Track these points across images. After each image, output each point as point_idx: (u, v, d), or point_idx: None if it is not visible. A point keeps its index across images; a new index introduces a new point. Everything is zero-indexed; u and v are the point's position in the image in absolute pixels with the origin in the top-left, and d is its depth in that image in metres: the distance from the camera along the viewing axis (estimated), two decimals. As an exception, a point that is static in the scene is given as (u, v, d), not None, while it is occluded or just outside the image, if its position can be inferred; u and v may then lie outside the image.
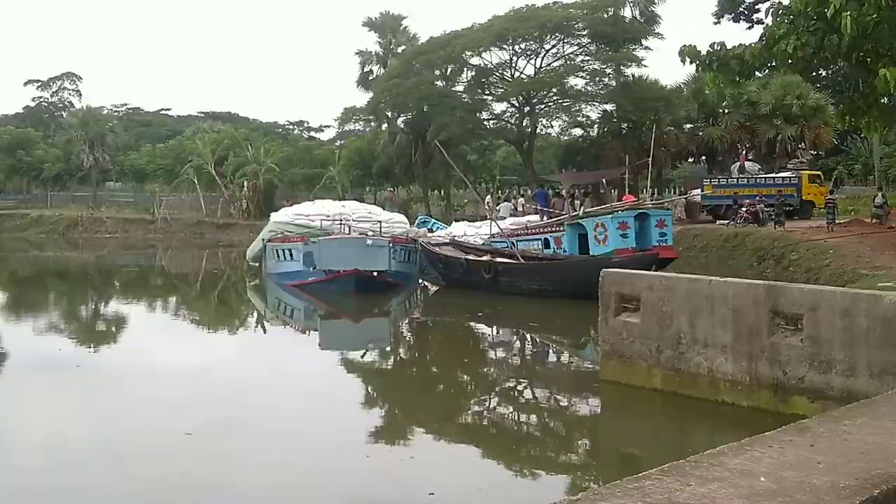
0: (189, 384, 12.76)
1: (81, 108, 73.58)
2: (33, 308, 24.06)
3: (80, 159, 61.48)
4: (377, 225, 25.37)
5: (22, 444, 9.65)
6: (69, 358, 15.06)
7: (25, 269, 37.15)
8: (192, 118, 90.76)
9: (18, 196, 67.59)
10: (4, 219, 55.04)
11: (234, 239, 46.16)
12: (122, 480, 8.29)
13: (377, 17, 55.32)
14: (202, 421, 10.38)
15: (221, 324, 21.40)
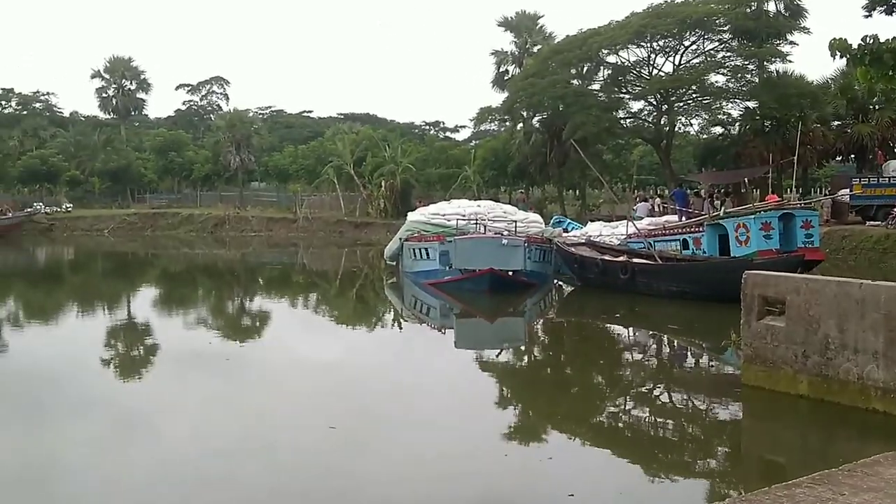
0: (330, 379, 13.14)
1: (229, 111, 76.63)
2: (184, 303, 25.23)
3: (227, 160, 63.96)
4: (512, 224, 25.37)
5: (175, 433, 10.14)
6: (219, 352, 15.75)
7: (176, 265, 38.95)
8: (333, 120, 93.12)
9: (170, 196, 70.84)
10: (157, 217, 57.83)
11: (372, 237, 47.13)
12: (269, 471, 8.58)
13: (513, 17, 55.36)
14: (344, 415, 10.66)
15: (360, 321, 21.85)
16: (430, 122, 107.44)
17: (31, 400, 11.82)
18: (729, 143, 43.81)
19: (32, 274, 35.67)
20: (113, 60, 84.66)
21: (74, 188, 69.10)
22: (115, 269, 37.50)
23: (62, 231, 55.86)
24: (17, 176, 69.38)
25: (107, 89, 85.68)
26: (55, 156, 69.78)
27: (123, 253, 45.13)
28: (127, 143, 79.91)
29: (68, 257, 44.36)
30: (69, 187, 68.85)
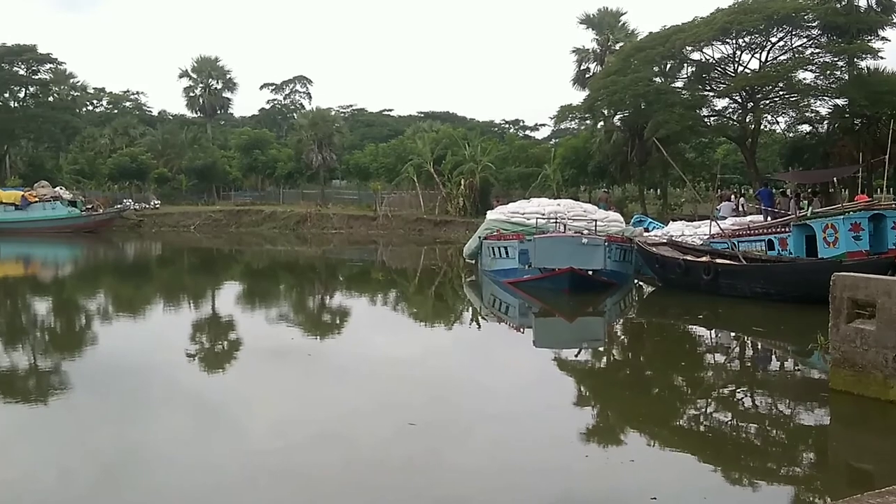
0: (409, 376, 13.23)
1: (311, 109, 77.74)
2: (267, 299, 25.69)
3: (309, 158, 64.90)
4: (592, 223, 25.19)
5: (257, 426, 10.34)
6: (301, 347, 16.00)
7: (259, 261, 39.65)
8: (413, 118, 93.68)
9: (254, 193, 72.19)
10: (241, 214, 58.95)
11: (451, 236, 47.28)
12: (349, 466, 8.69)
13: (594, 15, 54.92)
14: (423, 412, 10.73)
15: (438, 318, 21.95)
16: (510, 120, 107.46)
17: (119, 392, 12.18)
18: (817, 142, 42.69)
19: (122, 268, 36.77)
20: (200, 60, 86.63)
21: (162, 185, 70.96)
22: (201, 265, 38.39)
23: (150, 227, 57.39)
24: (108, 173, 71.60)
25: (194, 88, 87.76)
26: (144, 153, 71.80)
27: (208, 249, 46.16)
28: (213, 142, 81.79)
29: (156, 253, 45.57)
30: (157, 184, 70.74)
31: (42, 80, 78.06)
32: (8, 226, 52.54)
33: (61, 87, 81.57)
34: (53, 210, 53.86)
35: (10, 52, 74.59)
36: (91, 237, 51.66)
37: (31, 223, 52.82)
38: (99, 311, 22.50)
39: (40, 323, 20.68)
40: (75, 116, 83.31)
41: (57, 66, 78.62)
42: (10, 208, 53.52)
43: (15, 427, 10.55)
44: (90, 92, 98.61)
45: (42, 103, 77.99)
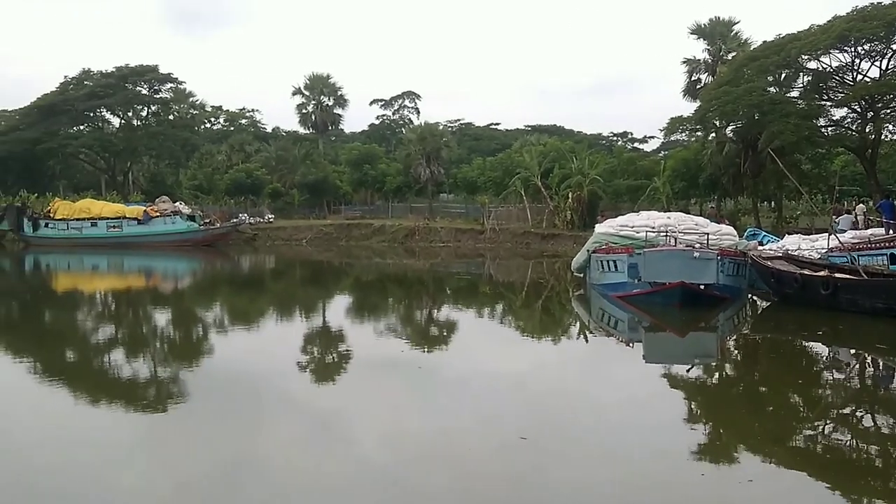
0: (518, 390, 13.15)
1: (419, 124, 78.49)
2: (376, 311, 26.00)
3: (417, 172, 65.56)
4: (704, 237, 24.63)
5: (368, 437, 10.43)
6: (411, 359, 16.11)
7: (369, 274, 40.18)
8: (520, 132, 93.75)
9: (364, 207, 73.35)
10: (351, 228, 59.90)
11: (559, 249, 46.98)
12: (460, 480, 8.67)
13: (706, 24, 53.94)
14: (533, 427, 10.64)
15: (546, 332, 21.78)
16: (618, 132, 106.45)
17: (233, 401, 12.49)
18: (942, 153, 40.85)
19: (237, 281, 37.81)
20: (312, 78, 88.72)
21: (276, 200, 72.79)
22: (312, 277, 39.14)
23: (264, 241, 58.87)
24: (224, 188, 73.91)
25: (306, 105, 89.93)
26: (259, 169, 73.85)
27: (319, 262, 47.03)
28: (324, 157, 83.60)
29: (269, 266, 46.68)
30: (271, 199, 72.62)
31: (163, 99, 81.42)
32: (131, 239, 54.91)
33: (181, 105, 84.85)
34: (173, 224, 55.95)
35: (134, 73, 78.08)
36: (208, 250, 53.37)
37: (153, 237, 54.99)
38: (215, 321, 23.20)
39: (160, 333, 21.42)
40: (194, 134, 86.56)
41: (177, 85, 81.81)
42: (133, 223, 55.90)
43: (136, 434, 10.93)
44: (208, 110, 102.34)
45: (163, 121, 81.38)
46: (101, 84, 77.69)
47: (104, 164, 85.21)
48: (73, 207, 58.83)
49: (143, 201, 64.85)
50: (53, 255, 51.33)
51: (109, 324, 23.30)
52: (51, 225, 58.34)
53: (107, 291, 32.88)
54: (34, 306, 27.60)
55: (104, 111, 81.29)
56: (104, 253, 51.25)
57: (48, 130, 76.91)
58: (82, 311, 26.39)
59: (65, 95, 78.77)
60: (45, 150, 77.58)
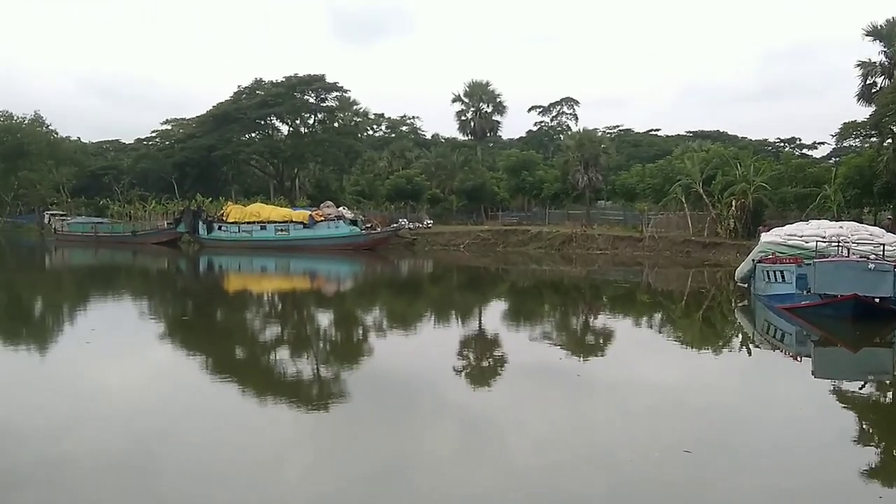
0: (679, 401, 12.83)
1: (578, 130, 77.81)
2: (533, 317, 25.91)
3: (575, 179, 64.92)
4: (880, 248, 23.30)
5: (524, 443, 10.38)
6: (569, 367, 15.98)
7: (525, 280, 40.13)
8: (681, 138, 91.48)
9: (521, 213, 73.33)
10: (508, 234, 59.96)
11: (721, 258, 45.50)
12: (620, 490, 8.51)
13: (882, 26, 50.91)
14: (697, 440, 10.33)
15: (707, 343, 21.13)
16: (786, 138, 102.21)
17: (391, 402, 12.72)
18: None
19: (397, 284, 38.54)
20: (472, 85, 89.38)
21: (435, 205, 73.79)
22: (469, 282, 39.43)
23: (423, 245, 59.76)
24: (385, 194, 75.50)
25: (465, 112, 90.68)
26: (418, 175, 75.04)
27: (476, 267, 47.32)
28: (482, 163, 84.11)
29: (427, 270, 47.36)
30: (430, 204, 73.67)
31: (329, 108, 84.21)
32: (297, 242, 56.98)
33: (345, 113, 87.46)
34: (337, 229, 57.61)
35: (302, 82, 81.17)
36: (369, 254, 54.69)
37: (317, 240, 56.83)
38: (375, 324, 23.73)
39: (323, 333, 22.10)
40: (357, 141, 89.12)
41: (342, 93, 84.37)
42: (299, 226, 57.90)
43: (298, 432, 11.28)
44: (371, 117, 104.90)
45: (328, 129, 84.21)
46: (271, 93, 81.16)
47: (273, 170, 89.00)
48: (244, 211, 61.56)
49: (308, 206, 67.21)
50: (225, 256, 53.94)
51: (276, 323, 24.24)
52: (223, 228, 61.23)
53: (274, 292, 34.24)
54: (208, 305, 29.04)
55: (274, 119, 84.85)
56: (272, 255, 53.33)
57: (222, 137, 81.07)
58: (251, 310, 27.56)
59: (238, 104, 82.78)
60: (219, 157, 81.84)
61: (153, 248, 62.28)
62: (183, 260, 54.50)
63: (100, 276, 42.82)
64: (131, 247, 63.99)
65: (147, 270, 47.43)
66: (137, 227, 71.03)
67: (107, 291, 32.85)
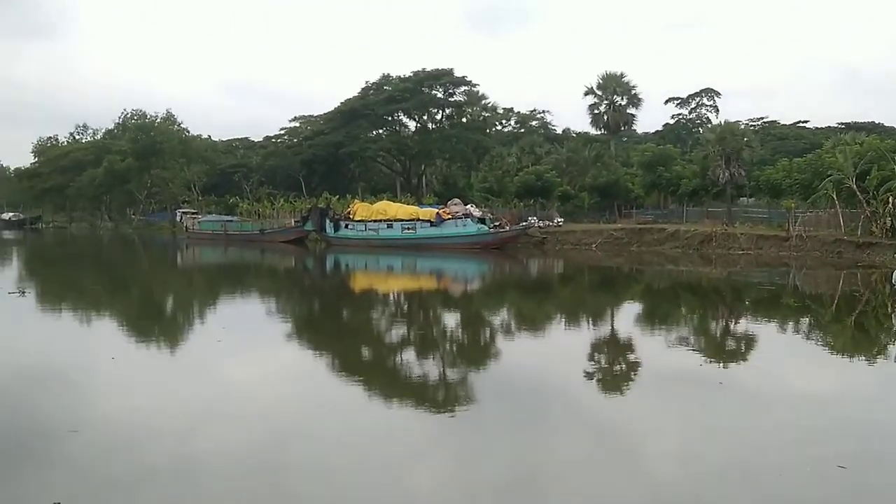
0: (831, 413, 12.42)
1: (718, 123, 75.87)
2: (669, 320, 25.44)
3: (715, 175, 63.36)
4: None
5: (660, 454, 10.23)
6: (710, 374, 15.66)
7: (661, 281, 39.43)
8: (831, 130, 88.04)
9: (656, 211, 72.07)
10: (643, 233, 59.08)
11: (876, 259, 43.64)
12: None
13: None
14: (853, 455, 9.96)
15: (861, 350, 20.25)
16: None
17: (520, 407, 12.74)
18: None
19: (525, 285, 38.53)
20: (605, 77, 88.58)
21: (565, 203, 73.39)
22: (602, 283, 39.04)
23: (553, 244, 59.52)
24: (514, 191, 75.52)
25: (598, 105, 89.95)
26: (549, 171, 74.74)
27: (608, 267, 46.81)
28: (615, 159, 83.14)
29: (558, 270, 47.15)
30: (560, 202, 73.30)
31: (457, 102, 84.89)
32: (424, 241, 57.68)
33: (474, 108, 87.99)
34: (464, 227, 57.98)
35: (430, 77, 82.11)
36: (497, 253, 54.86)
37: (444, 239, 57.38)
38: (503, 325, 23.81)
39: (450, 334, 22.33)
40: (486, 136, 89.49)
41: (471, 88, 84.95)
42: (426, 224, 58.58)
43: (425, 435, 11.45)
44: (500, 112, 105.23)
45: (456, 124, 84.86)
46: (398, 88, 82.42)
47: (400, 167, 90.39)
48: (370, 209, 62.74)
49: (435, 203, 67.93)
50: (351, 254, 55.17)
51: (402, 324, 24.62)
52: (350, 226, 62.60)
53: (400, 292, 34.80)
54: (335, 304, 29.79)
55: (401, 115, 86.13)
56: (398, 254, 54.20)
57: (349, 134, 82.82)
58: (378, 310, 28.10)
59: (365, 100, 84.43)
60: (346, 153, 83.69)
61: (280, 247, 64.30)
62: (310, 258, 56.01)
63: (229, 274, 44.52)
64: (259, 245, 66.26)
65: (275, 269, 48.99)
66: (265, 225, 73.34)
67: (236, 290, 34.14)
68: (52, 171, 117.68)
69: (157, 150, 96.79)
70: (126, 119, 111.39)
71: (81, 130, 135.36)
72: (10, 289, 29.79)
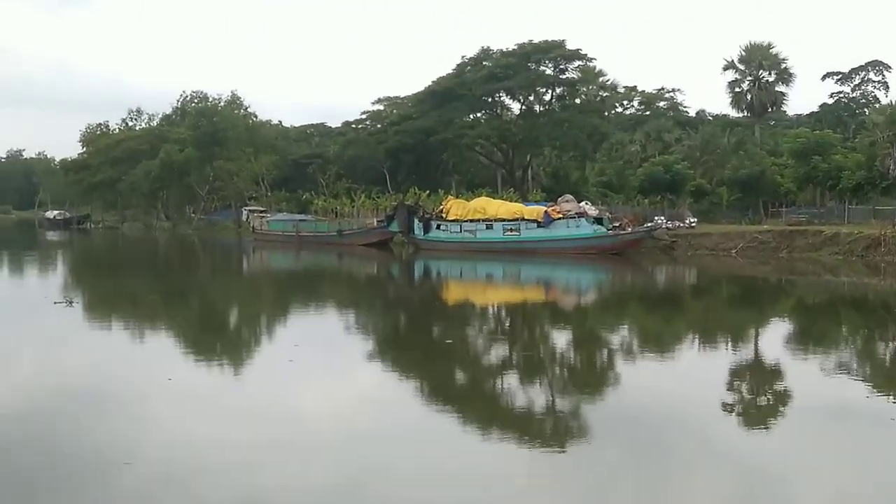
0: None
1: (888, 103, 73.87)
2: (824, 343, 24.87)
3: (885, 166, 61.72)
4: None
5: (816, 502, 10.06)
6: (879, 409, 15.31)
7: (816, 295, 38.58)
8: None
9: (811, 210, 70.30)
10: (795, 236, 57.76)
11: None
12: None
13: None
14: None
15: None
16: None
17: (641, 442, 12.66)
18: None
19: (651, 297, 38.12)
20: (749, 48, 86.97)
21: (699, 200, 72.30)
22: (743, 297, 38.41)
23: (684, 249, 58.71)
24: (637, 185, 74.74)
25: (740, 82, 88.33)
26: (679, 162, 73.74)
27: (752, 278, 46.02)
28: (761, 146, 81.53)
29: (690, 280, 46.55)
30: (693, 198, 72.24)
31: (569, 80, 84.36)
32: (529, 244, 57.40)
33: (589, 87, 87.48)
34: (577, 228, 57.48)
35: (537, 50, 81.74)
36: (616, 259, 54.40)
37: (553, 242, 57.00)
38: (624, 346, 23.63)
39: (560, 357, 22.28)
40: (604, 120, 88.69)
41: (586, 63, 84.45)
42: (532, 225, 58.20)
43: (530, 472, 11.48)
44: (620, 91, 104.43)
45: (568, 106, 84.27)
46: (500, 64, 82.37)
47: (501, 157, 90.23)
48: (466, 207, 62.67)
49: (543, 201, 67.54)
50: (444, 260, 55.34)
51: (503, 342, 24.68)
52: (443, 227, 62.64)
53: (501, 305, 34.81)
54: (424, 319, 30.00)
55: (503, 96, 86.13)
56: (499, 259, 54.20)
57: (442, 119, 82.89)
58: (474, 326, 28.19)
59: (461, 79, 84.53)
60: (438, 141, 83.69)
61: (361, 251, 64.95)
62: (395, 265, 56.57)
63: (302, 282, 45.29)
64: (336, 248, 67.03)
65: (354, 277, 49.68)
66: (344, 225, 74.07)
67: (309, 301, 34.70)
68: (102, 163, 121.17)
69: (221, 138, 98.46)
70: (185, 102, 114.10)
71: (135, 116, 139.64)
72: (57, 298, 30.83)
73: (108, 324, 27.71)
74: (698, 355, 22.78)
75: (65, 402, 15.73)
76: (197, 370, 19.10)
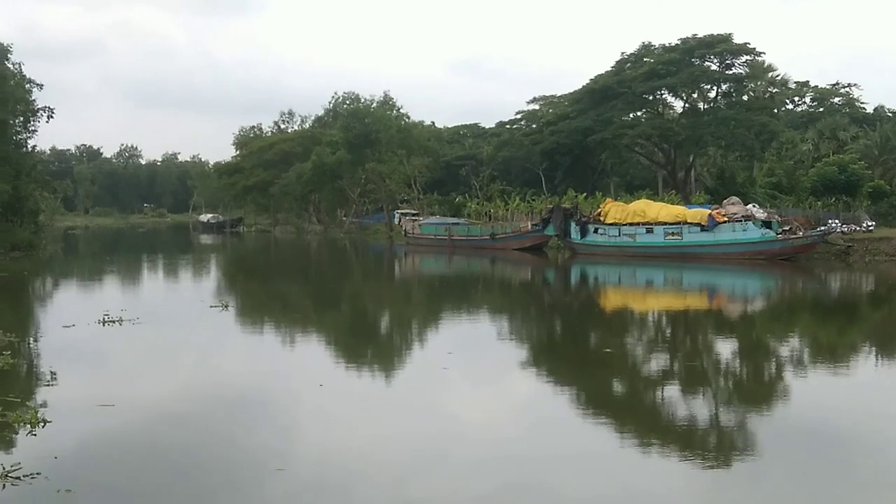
0: None
1: None
2: None
3: None
4: None
5: None
6: None
7: None
8: None
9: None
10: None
11: None
12: None
13: None
14: None
15: None
16: None
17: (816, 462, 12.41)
18: None
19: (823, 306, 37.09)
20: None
21: (878, 202, 69.95)
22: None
23: (861, 255, 56.85)
24: (809, 187, 72.80)
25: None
26: (856, 162, 71.48)
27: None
28: (952, 143, 78.44)
29: (867, 288, 45.09)
30: (871, 200, 69.92)
31: (736, 76, 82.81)
32: (692, 249, 56.59)
33: (757, 82, 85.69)
34: (744, 232, 56.37)
35: (702, 45, 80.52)
36: (786, 266, 53.09)
37: (718, 247, 56.07)
38: (794, 358, 23.09)
39: (725, 368, 21.94)
40: (773, 118, 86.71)
41: (754, 57, 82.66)
42: (696, 229, 57.34)
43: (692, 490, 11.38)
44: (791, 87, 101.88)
45: (734, 103, 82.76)
46: (662, 60, 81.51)
47: (662, 158, 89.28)
48: (625, 210, 62.15)
49: (707, 203, 66.51)
50: (602, 265, 55.06)
51: (663, 352, 24.46)
52: (600, 230, 62.29)
53: (661, 312, 34.44)
54: (580, 327, 29.95)
55: (665, 93, 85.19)
56: (660, 265, 53.58)
57: (600, 118, 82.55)
58: (633, 334, 28.02)
59: (620, 76, 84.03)
60: (596, 142, 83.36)
61: (515, 255, 65.17)
62: (550, 270, 56.54)
63: (455, 288, 45.72)
64: (490, 252, 67.37)
65: (508, 282, 49.86)
66: (497, 228, 74.38)
67: (462, 307, 35.02)
68: (255, 166, 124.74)
69: (373, 139, 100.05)
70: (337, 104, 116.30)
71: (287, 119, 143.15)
72: (212, 302, 31.95)
73: (260, 328, 28.61)
74: (876, 369, 22.09)
75: (219, 406, 16.36)
76: (348, 377, 19.55)
